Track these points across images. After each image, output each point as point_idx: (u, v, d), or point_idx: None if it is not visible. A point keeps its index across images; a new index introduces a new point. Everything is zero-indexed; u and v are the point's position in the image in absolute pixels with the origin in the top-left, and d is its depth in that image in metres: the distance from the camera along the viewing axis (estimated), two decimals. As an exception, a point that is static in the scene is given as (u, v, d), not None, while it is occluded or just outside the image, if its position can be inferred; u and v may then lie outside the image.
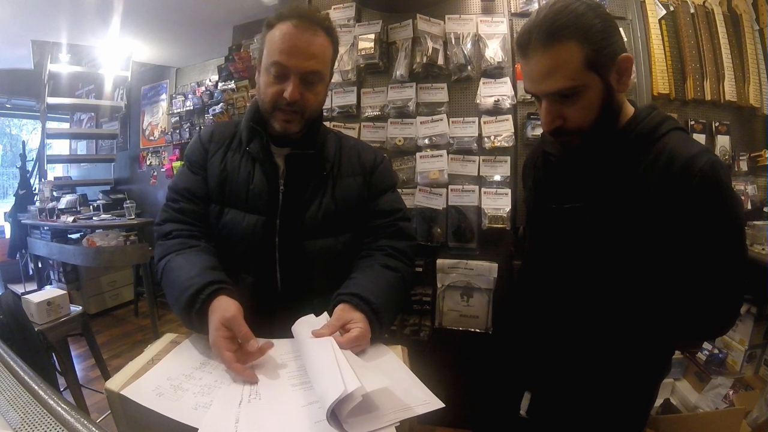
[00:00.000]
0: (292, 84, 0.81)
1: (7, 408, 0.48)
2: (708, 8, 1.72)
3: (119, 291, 3.67)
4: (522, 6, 1.64)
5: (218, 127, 0.99)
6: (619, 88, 0.74)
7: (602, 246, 0.79)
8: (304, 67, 0.81)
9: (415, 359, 0.71)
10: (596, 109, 0.73)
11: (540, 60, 0.71)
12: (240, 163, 0.90)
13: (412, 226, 1.00)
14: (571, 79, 0.70)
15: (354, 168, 0.95)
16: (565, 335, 0.88)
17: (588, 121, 0.74)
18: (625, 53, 0.72)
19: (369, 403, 0.52)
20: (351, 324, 0.71)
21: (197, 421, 0.51)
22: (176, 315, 0.78)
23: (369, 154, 0.99)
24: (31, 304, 1.57)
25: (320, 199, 0.90)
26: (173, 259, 0.82)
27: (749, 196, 1.70)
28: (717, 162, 0.70)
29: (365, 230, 0.94)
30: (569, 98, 0.72)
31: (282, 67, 0.81)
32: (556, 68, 0.70)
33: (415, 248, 0.97)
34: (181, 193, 0.91)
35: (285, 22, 0.81)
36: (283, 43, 0.80)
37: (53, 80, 3.66)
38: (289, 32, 0.80)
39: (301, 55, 0.81)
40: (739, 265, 0.71)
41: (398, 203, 0.98)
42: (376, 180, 0.96)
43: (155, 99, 4.16)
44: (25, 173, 3.84)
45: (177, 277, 0.78)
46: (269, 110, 0.85)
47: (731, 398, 1.48)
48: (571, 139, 0.78)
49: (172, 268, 0.81)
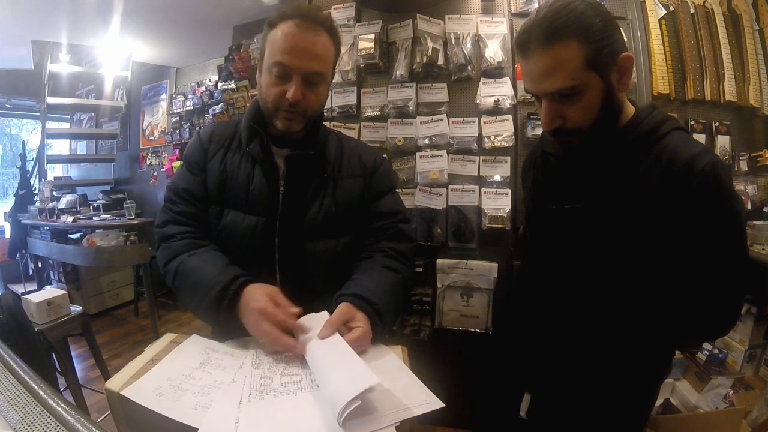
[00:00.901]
0: (294, 85, 0.80)
1: (7, 408, 0.48)
2: (708, 8, 1.72)
3: (119, 291, 3.67)
4: (522, 6, 1.64)
5: (218, 128, 0.98)
6: (620, 88, 0.74)
7: (602, 246, 0.79)
8: (307, 67, 0.81)
9: (415, 359, 0.71)
10: (596, 109, 0.72)
11: (540, 59, 0.70)
12: (240, 164, 0.90)
13: (412, 228, 1.00)
14: (571, 79, 0.69)
15: (355, 169, 0.95)
16: (566, 336, 0.87)
17: (588, 121, 0.73)
18: (625, 53, 0.72)
19: (369, 403, 0.52)
20: (353, 323, 0.71)
21: (197, 421, 0.51)
22: (199, 314, 0.80)
23: (369, 155, 0.99)
24: (31, 304, 1.57)
25: (321, 201, 0.89)
26: (187, 260, 0.82)
27: (749, 196, 1.70)
28: (718, 162, 0.70)
29: (365, 232, 0.94)
30: (569, 98, 0.71)
31: (284, 67, 0.80)
32: (556, 68, 0.69)
33: (414, 249, 0.97)
34: (180, 195, 0.91)
35: (287, 21, 0.81)
36: (286, 43, 0.80)
37: (53, 80, 3.67)
38: (292, 32, 0.80)
39: (304, 56, 0.80)
40: (739, 266, 0.71)
41: (398, 205, 0.98)
42: (376, 182, 0.96)
43: (155, 99, 4.16)
44: (25, 173, 3.84)
45: (199, 277, 0.79)
46: (271, 110, 0.85)
47: (731, 398, 1.47)
48: (570, 139, 0.77)
49: (189, 269, 0.81)
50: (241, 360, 0.68)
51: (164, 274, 0.86)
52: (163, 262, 0.86)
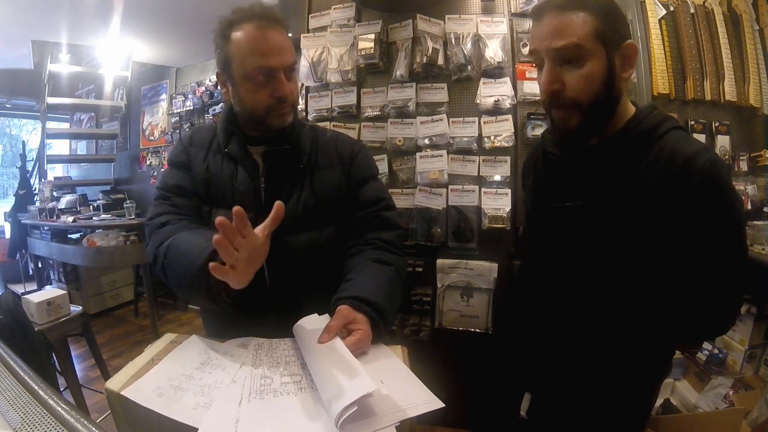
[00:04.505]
0: (282, 81, 0.82)
1: (7, 408, 0.48)
2: (708, 8, 1.72)
3: (119, 291, 3.67)
4: (522, 6, 1.64)
5: (197, 131, 0.99)
6: (621, 74, 0.75)
7: (602, 245, 0.79)
8: (286, 61, 0.82)
9: (415, 359, 0.71)
10: (597, 83, 0.72)
11: (551, 21, 0.72)
12: (222, 164, 0.91)
13: (397, 214, 0.99)
14: (577, 38, 0.70)
15: (331, 158, 0.95)
16: (566, 335, 0.88)
17: (587, 94, 0.73)
18: (630, 40, 0.74)
19: (369, 404, 0.52)
20: (353, 325, 0.71)
21: (197, 421, 0.51)
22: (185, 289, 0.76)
23: (346, 144, 0.99)
24: (31, 304, 1.57)
25: (299, 193, 0.90)
26: (176, 237, 0.79)
27: (749, 196, 1.70)
28: (717, 160, 0.70)
29: (350, 223, 0.94)
30: (571, 63, 0.72)
31: (269, 69, 0.81)
32: (565, 28, 0.71)
33: (402, 236, 0.97)
34: (171, 190, 0.91)
35: (244, 26, 0.81)
36: (260, 45, 0.80)
37: (53, 80, 3.67)
38: (259, 35, 0.80)
39: (280, 52, 0.81)
40: (739, 264, 0.71)
41: (381, 192, 0.98)
42: (355, 169, 0.96)
43: (155, 99, 4.16)
44: (25, 173, 3.85)
45: (185, 248, 0.75)
46: (262, 114, 0.85)
47: (731, 398, 1.47)
48: (568, 114, 0.76)
49: (177, 243, 0.78)
50: (241, 360, 0.68)
51: (154, 259, 0.82)
52: (153, 247, 0.83)
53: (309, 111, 1.80)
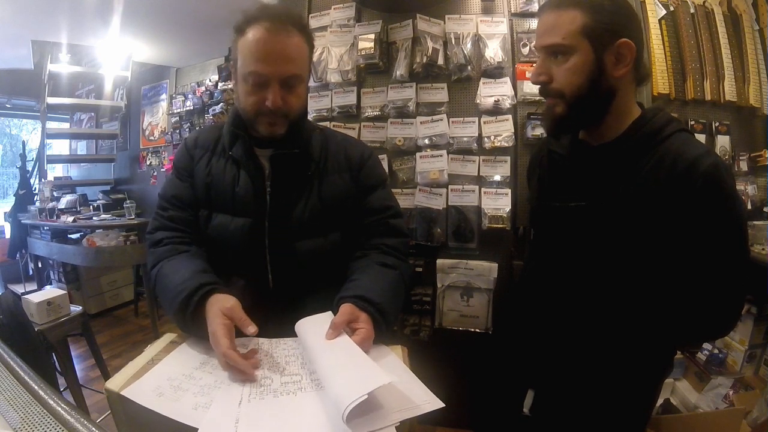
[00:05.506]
0: (272, 91, 0.79)
1: (7, 408, 0.48)
2: (708, 8, 1.71)
3: (119, 291, 3.67)
4: (522, 6, 1.64)
5: (203, 133, 0.98)
6: (614, 72, 0.75)
7: (605, 245, 0.79)
8: (283, 72, 0.79)
9: (415, 359, 0.71)
10: (580, 77, 0.75)
11: (546, 19, 0.78)
12: (225, 168, 0.90)
13: (403, 222, 0.99)
14: (562, 38, 0.75)
15: (341, 165, 0.94)
16: (568, 334, 0.88)
17: (571, 87, 0.76)
18: (625, 39, 0.74)
19: (371, 402, 0.52)
20: (356, 324, 0.71)
21: (197, 421, 0.51)
22: (171, 319, 0.78)
23: (356, 150, 0.97)
24: (31, 304, 1.57)
25: (306, 199, 0.89)
26: (164, 265, 0.82)
27: (749, 196, 1.70)
28: (721, 164, 0.71)
29: (357, 229, 0.93)
30: (558, 57, 0.77)
31: (260, 75, 0.78)
32: (554, 27, 0.76)
33: (407, 244, 0.97)
34: (170, 201, 0.91)
35: (256, 26, 0.78)
36: (258, 49, 0.77)
37: (53, 80, 3.66)
38: (263, 37, 0.77)
39: (279, 61, 0.78)
40: (741, 266, 0.71)
41: (389, 200, 0.97)
42: (364, 176, 0.95)
43: (155, 99, 4.16)
44: (25, 173, 3.84)
45: (170, 282, 0.78)
46: (252, 118, 0.84)
47: (731, 398, 1.47)
48: (554, 103, 0.80)
49: (163, 274, 0.81)
50: (241, 360, 0.67)
51: (150, 279, 0.87)
52: (149, 267, 0.87)
53: (309, 111, 1.80)
